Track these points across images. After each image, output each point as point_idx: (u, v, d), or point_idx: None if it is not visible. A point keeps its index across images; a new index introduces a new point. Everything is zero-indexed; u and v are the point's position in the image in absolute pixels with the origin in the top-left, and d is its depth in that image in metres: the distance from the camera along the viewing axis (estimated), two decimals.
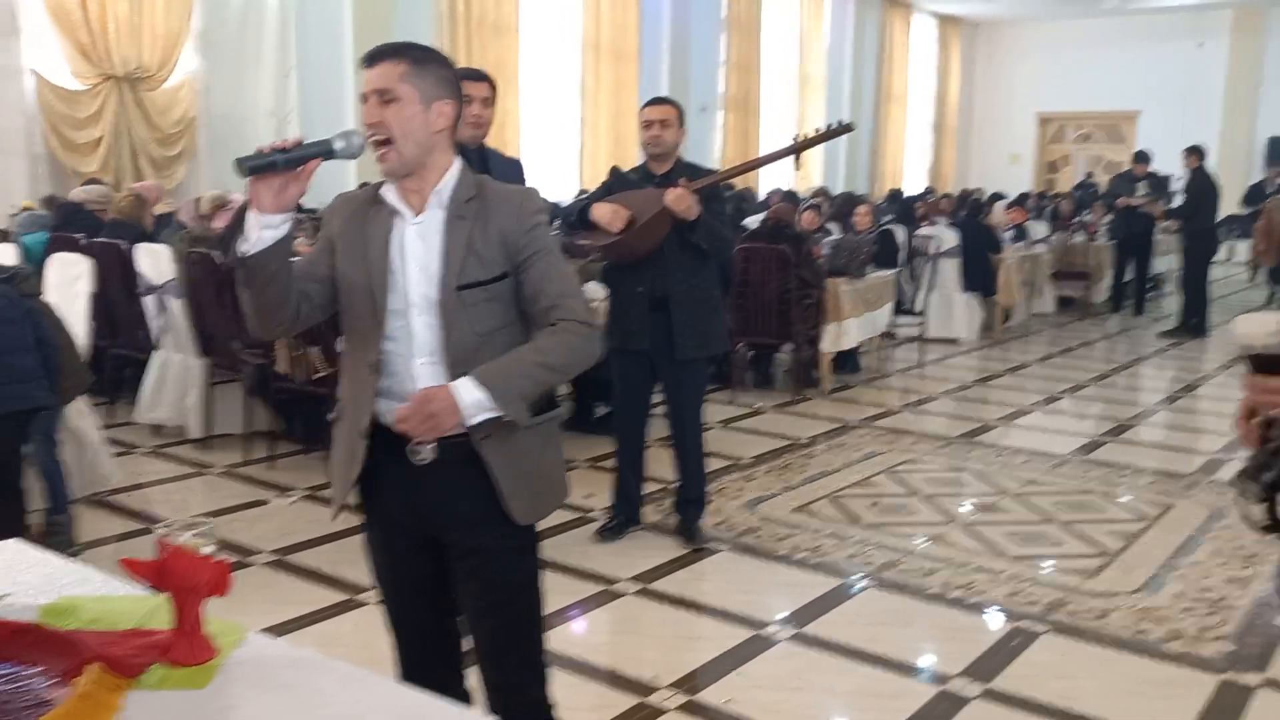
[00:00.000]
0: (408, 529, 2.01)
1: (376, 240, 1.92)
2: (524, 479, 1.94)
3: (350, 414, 1.98)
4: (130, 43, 8.66)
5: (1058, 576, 3.93)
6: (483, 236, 1.90)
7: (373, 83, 1.86)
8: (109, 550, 4.05)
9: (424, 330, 1.89)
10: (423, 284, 1.89)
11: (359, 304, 1.92)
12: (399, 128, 1.85)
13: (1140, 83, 17.81)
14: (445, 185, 1.92)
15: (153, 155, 9.03)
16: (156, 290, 5.29)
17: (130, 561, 1.49)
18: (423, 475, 1.91)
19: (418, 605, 2.08)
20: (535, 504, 1.98)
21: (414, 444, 1.88)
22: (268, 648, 1.57)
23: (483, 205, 1.92)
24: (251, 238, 1.80)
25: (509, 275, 1.91)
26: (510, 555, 2.00)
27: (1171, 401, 7.17)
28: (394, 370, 1.91)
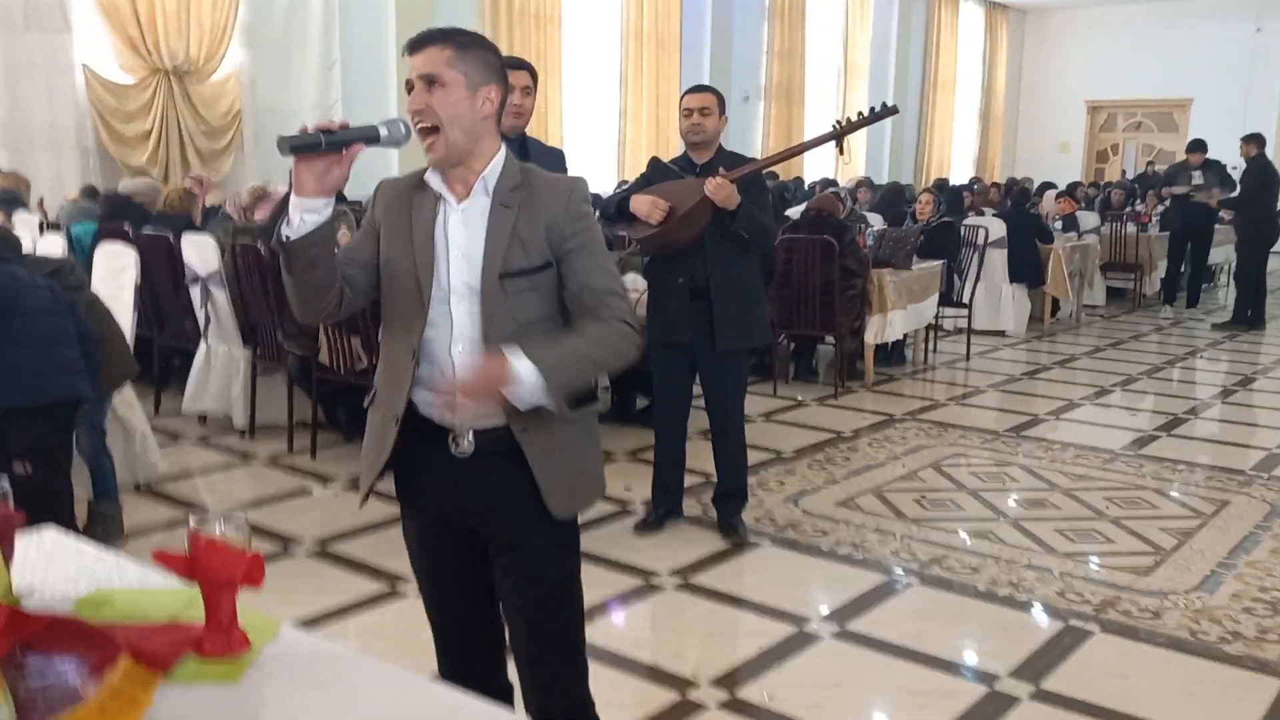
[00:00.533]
0: (446, 522, 1.98)
1: (422, 226, 1.89)
2: (562, 472, 1.91)
3: (386, 400, 1.96)
4: (178, 36, 8.76)
5: (1109, 574, 3.83)
6: (528, 225, 1.87)
7: (418, 68, 1.83)
8: (156, 539, 4.08)
9: (464, 318, 1.87)
10: (464, 271, 1.87)
11: (402, 290, 1.90)
12: (445, 113, 1.82)
13: (1193, 69, 17.40)
14: (491, 172, 1.89)
15: (200, 148, 9.14)
16: (202, 281, 5.32)
17: (163, 554, 1.47)
18: (461, 468, 1.89)
19: (457, 597, 2.05)
20: (573, 498, 1.95)
21: (454, 435, 1.87)
22: (302, 643, 1.55)
23: (529, 194, 1.89)
24: (294, 221, 1.78)
25: (552, 265, 1.88)
26: (550, 551, 1.96)
27: (1226, 395, 6.99)
28: (433, 357, 1.89)
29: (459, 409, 1.82)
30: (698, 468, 4.59)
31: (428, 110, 1.81)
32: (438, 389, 1.85)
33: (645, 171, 4.13)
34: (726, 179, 3.71)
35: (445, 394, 1.81)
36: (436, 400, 1.87)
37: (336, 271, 1.87)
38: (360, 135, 1.78)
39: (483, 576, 2.03)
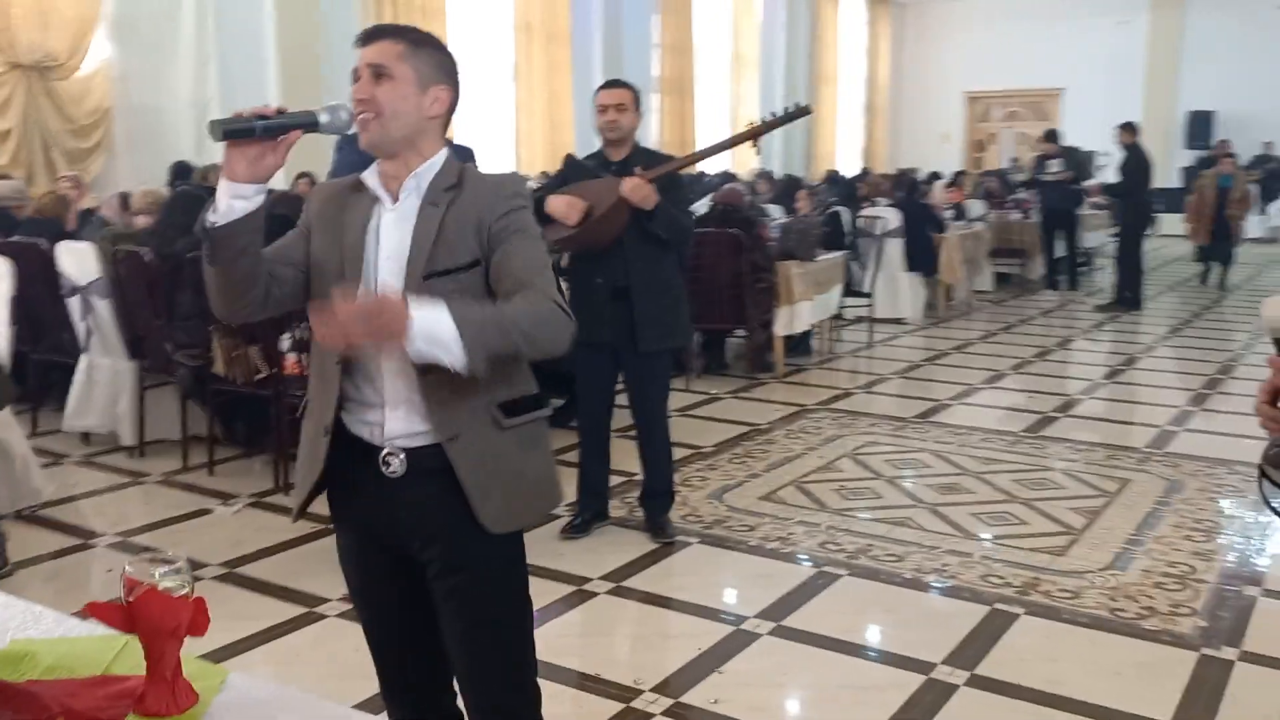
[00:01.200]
0: (380, 541, 1.87)
1: (353, 226, 1.80)
2: (497, 483, 1.79)
3: (317, 411, 1.86)
4: (37, 29, 8.25)
5: (1027, 556, 3.90)
6: (455, 223, 1.77)
7: (367, 58, 1.76)
8: (44, 569, 3.83)
9: None
10: (390, 274, 1.77)
11: (329, 290, 1.78)
12: (389, 107, 1.74)
13: (1064, 60, 18.10)
14: (426, 171, 1.81)
15: (66, 148, 8.63)
16: (81, 291, 5.01)
17: (96, 606, 1.33)
18: (393, 488, 1.79)
19: (396, 620, 1.94)
20: (510, 510, 1.82)
21: (384, 455, 1.78)
22: (254, 689, 1.42)
23: (460, 193, 1.80)
24: (221, 207, 1.67)
25: (479, 263, 1.77)
26: (490, 571, 1.84)
27: (1114, 375, 7.26)
28: (360, 368, 1.79)
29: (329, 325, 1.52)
30: (619, 467, 4.52)
31: (371, 101, 1.74)
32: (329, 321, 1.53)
33: (560, 169, 4.04)
34: (644, 179, 3.65)
35: (331, 322, 1.51)
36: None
37: (262, 267, 1.76)
38: (298, 122, 1.68)
39: (422, 598, 1.92)
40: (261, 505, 4.45)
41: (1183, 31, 17.57)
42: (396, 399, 1.77)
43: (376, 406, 1.79)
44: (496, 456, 1.79)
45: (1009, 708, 2.87)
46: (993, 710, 2.86)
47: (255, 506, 4.44)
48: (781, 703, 2.96)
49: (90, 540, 4.09)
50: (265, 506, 4.43)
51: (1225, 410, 6.20)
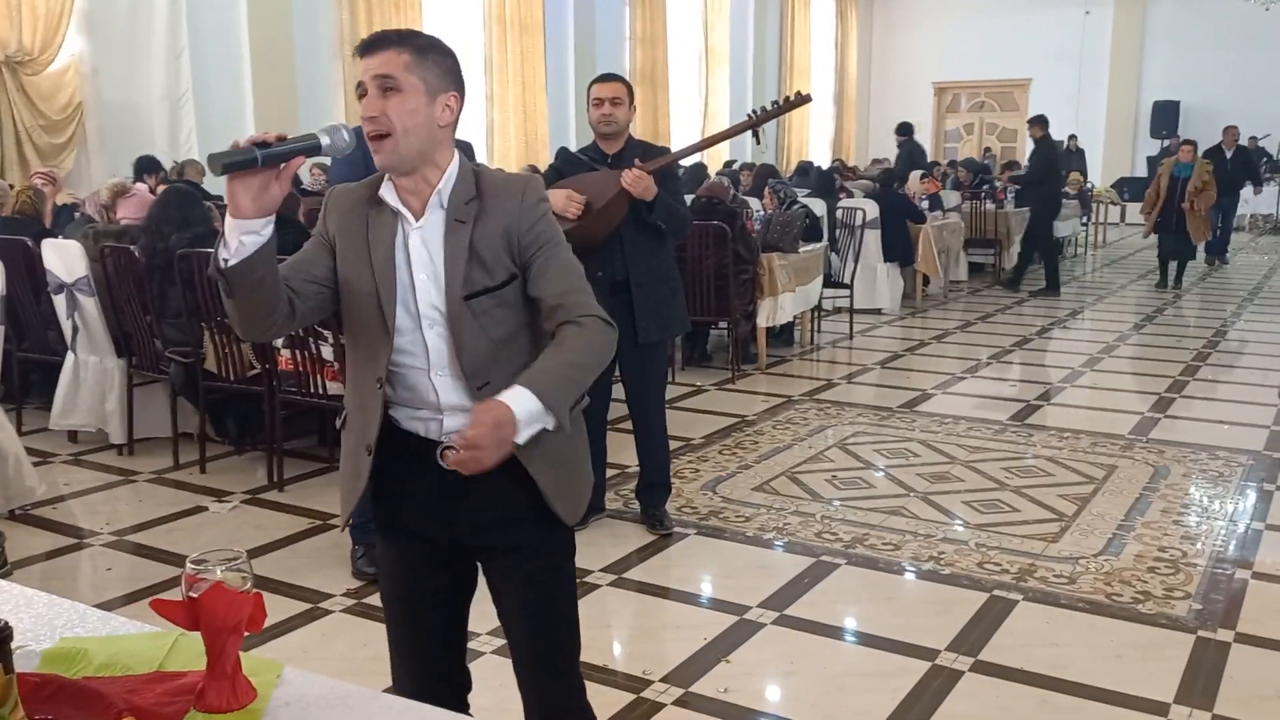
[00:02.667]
0: (429, 539, 1.88)
1: (381, 245, 1.77)
2: (565, 477, 1.85)
3: (358, 427, 1.86)
4: (8, 24, 8.13)
5: (1022, 543, 3.97)
6: (485, 239, 1.76)
7: (373, 69, 1.70)
8: (39, 569, 3.80)
9: (437, 342, 1.78)
10: (431, 294, 1.77)
11: (364, 313, 1.79)
12: (401, 122, 1.70)
13: (1031, 51, 18.28)
14: (445, 184, 1.78)
15: (38, 144, 8.51)
16: (67, 288, 4.95)
17: (160, 602, 1.33)
18: (447, 480, 1.77)
19: (431, 618, 1.95)
20: (577, 500, 1.89)
21: (443, 449, 1.76)
22: (309, 685, 1.43)
23: (482, 204, 1.78)
24: (232, 246, 1.61)
25: (517, 277, 1.78)
26: (551, 552, 1.90)
27: (1093, 363, 7.36)
28: (411, 383, 1.80)
29: (469, 463, 1.62)
30: (613, 460, 4.54)
31: (382, 117, 1.69)
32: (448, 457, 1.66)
33: (554, 163, 4.04)
34: (644, 170, 3.66)
35: (456, 462, 1.63)
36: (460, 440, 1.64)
37: (281, 288, 1.72)
38: (300, 148, 1.63)
39: (462, 591, 1.96)
40: (256, 502, 4.42)
41: (1145, 21, 17.80)
42: (453, 407, 1.79)
43: (430, 409, 1.80)
44: (560, 454, 1.82)
45: (1014, 692, 2.92)
46: (999, 695, 2.91)
47: (249, 503, 4.41)
48: (791, 691, 2.99)
49: (84, 540, 4.06)
50: (259, 503, 4.41)
51: (1203, 397, 6.32)
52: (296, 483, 4.62)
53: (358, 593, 3.53)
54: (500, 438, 1.60)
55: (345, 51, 10.61)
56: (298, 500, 4.42)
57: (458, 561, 1.92)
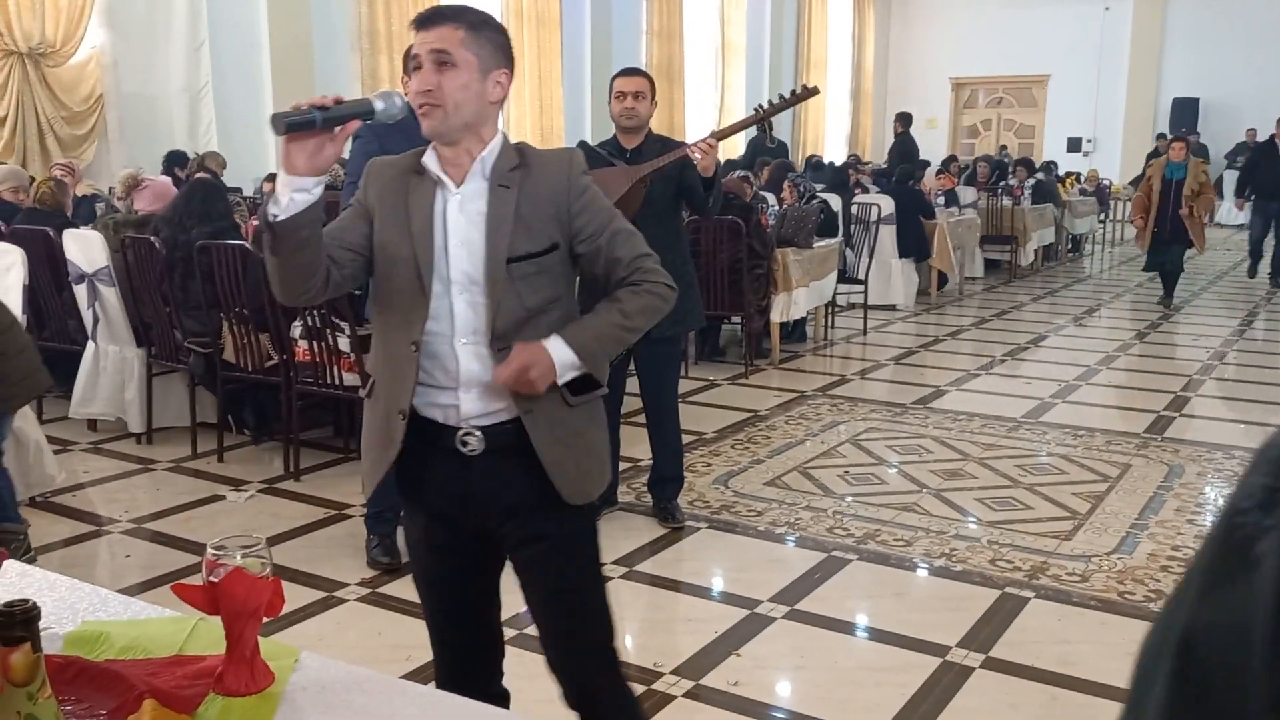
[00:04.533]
0: (454, 520, 1.91)
1: (420, 212, 1.81)
2: (571, 457, 1.85)
3: (387, 394, 1.86)
4: (32, 16, 8.20)
5: (1034, 540, 3.97)
6: (530, 205, 1.80)
7: (429, 43, 1.75)
8: (59, 555, 3.84)
9: (465, 310, 1.80)
10: (464, 260, 1.79)
11: (402, 279, 1.81)
12: (454, 96, 1.75)
13: (1050, 46, 18.19)
14: (489, 154, 1.82)
15: (60, 135, 8.59)
16: (88, 278, 5.00)
17: (181, 586, 1.36)
18: (469, 465, 1.82)
19: (461, 602, 1.98)
20: (584, 482, 1.89)
21: (462, 434, 1.81)
22: (326, 669, 1.46)
23: (527, 173, 1.82)
24: (282, 201, 1.67)
25: (558, 246, 1.81)
26: (569, 540, 1.91)
27: (1109, 361, 7.34)
28: (434, 351, 1.81)
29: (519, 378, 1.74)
30: (626, 454, 4.56)
31: (436, 91, 1.74)
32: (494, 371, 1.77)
33: None
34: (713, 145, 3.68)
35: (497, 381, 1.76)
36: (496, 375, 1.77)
37: (323, 252, 1.77)
38: (355, 111, 1.70)
39: (489, 577, 1.98)
40: (272, 491, 4.47)
41: (1166, 17, 17.68)
42: (470, 381, 1.80)
43: (450, 389, 1.81)
44: (568, 431, 1.84)
45: (1025, 689, 2.93)
46: (1010, 691, 2.92)
47: (266, 493, 4.45)
48: (801, 685, 3.01)
49: (103, 527, 4.11)
50: (276, 493, 4.45)
51: (1219, 396, 6.29)
52: (312, 473, 4.66)
53: (372, 582, 3.57)
54: (530, 378, 1.72)
55: (363, 44, 10.66)
56: (314, 490, 4.46)
57: (481, 544, 1.93)
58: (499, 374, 1.74)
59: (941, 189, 10.20)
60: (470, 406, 1.81)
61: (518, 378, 1.73)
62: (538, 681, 2.08)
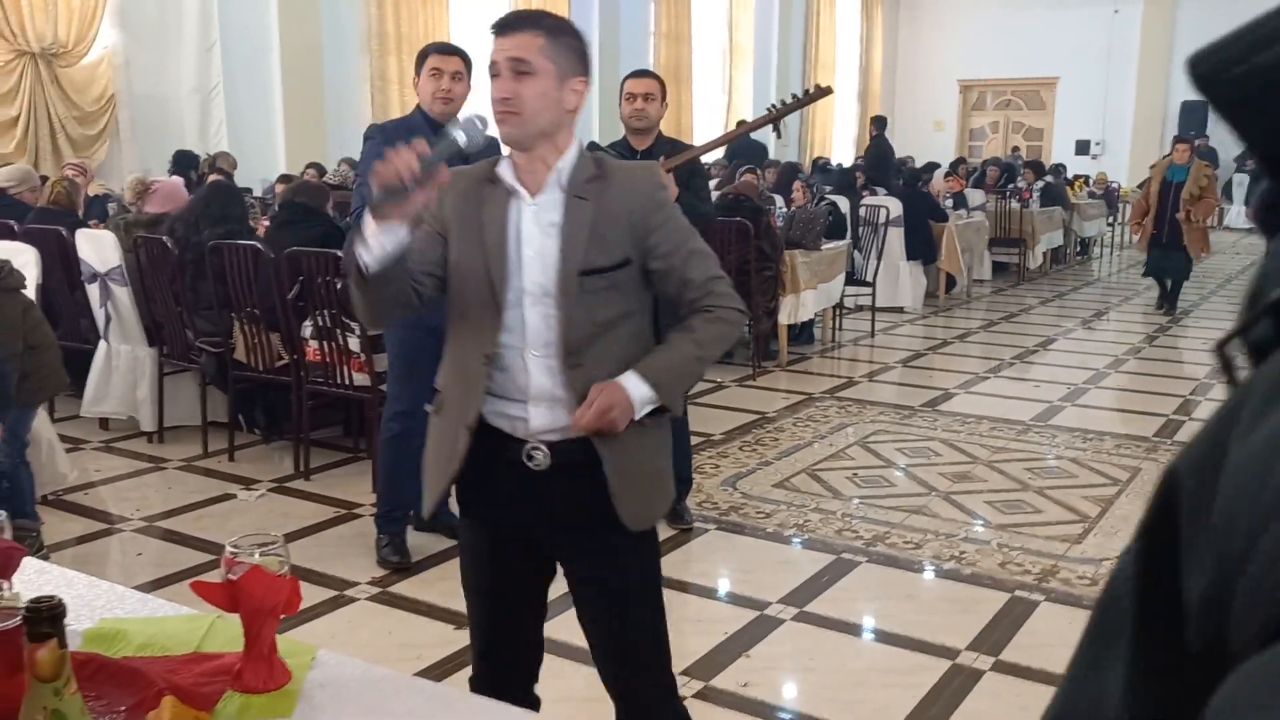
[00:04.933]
0: (513, 534, 1.89)
1: (493, 223, 1.79)
2: (636, 480, 1.83)
3: (456, 406, 1.85)
4: (44, 17, 8.24)
5: (1044, 544, 3.97)
6: (606, 219, 1.78)
7: (508, 51, 1.74)
8: (71, 553, 3.86)
9: (538, 321, 1.78)
10: (537, 271, 1.77)
11: (474, 292, 1.80)
12: (533, 104, 1.73)
13: (1058, 49, 18.15)
14: (565, 164, 1.80)
15: (72, 135, 8.63)
16: (101, 278, 5.02)
17: (200, 584, 1.37)
18: (534, 480, 1.80)
19: (511, 612, 1.96)
20: (646, 507, 1.86)
21: (529, 448, 1.80)
22: (342, 667, 1.47)
23: (605, 185, 1.80)
24: (373, 247, 1.67)
25: (631, 262, 1.79)
26: (631, 562, 1.88)
27: (1118, 364, 7.33)
28: (505, 363, 1.80)
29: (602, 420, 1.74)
30: None
31: (515, 99, 1.73)
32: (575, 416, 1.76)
33: None
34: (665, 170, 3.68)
35: (576, 425, 1.75)
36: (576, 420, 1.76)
37: (409, 282, 1.77)
38: (443, 157, 1.68)
39: (541, 588, 1.97)
40: (283, 490, 4.48)
41: (1176, 20, 17.64)
42: (541, 395, 1.79)
43: (519, 402, 1.79)
44: (638, 453, 1.82)
45: (1036, 693, 2.93)
46: (1021, 695, 2.92)
47: (277, 492, 4.47)
48: (811, 686, 3.01)
49: (115, 525, 4.13)
50: (287, 492, 4.46)
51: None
52: (322, 472, 4.68)
53: (383, 581, 3.58)
54: (611, 419, 1.72)
55: (372, 46, 10.68)
56: (324, 489, 4.47)
57: (538, 557, 1.92)
58: (579, 419, 1.73)
59: (950, 191, 10.19)
60: (539, 420, 1.79)
61: (599, 420, 1.71)
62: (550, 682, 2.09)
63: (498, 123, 1.76)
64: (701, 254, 1.84)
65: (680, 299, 1.82)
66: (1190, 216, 8.55)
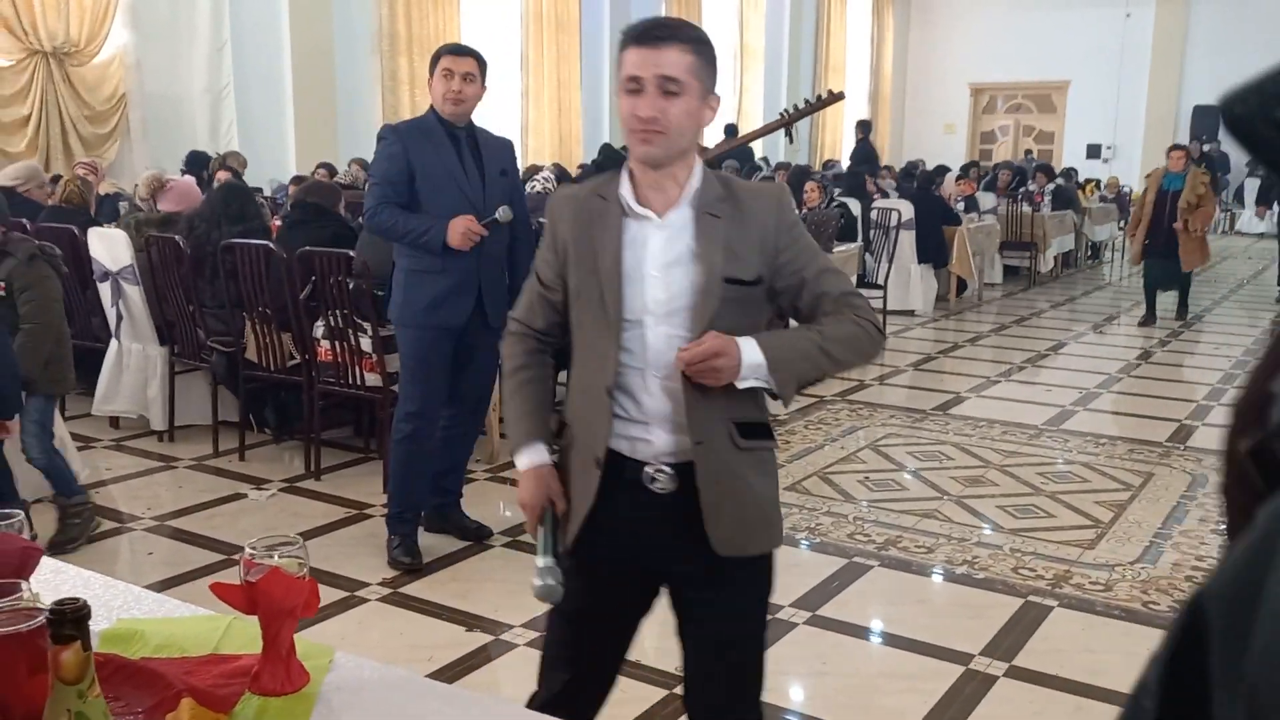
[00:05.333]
0: (623, 558, 1.82)
1: (609, 245, 1.73)
2: (731, 504, 1.75)
3: (585, 440, 1.79)
4: (57, 16, 8.27)
5: (1057, 549, 3.95)
6: (739, 237, 1.72)
7: (657, 67, 1.64)
8: (81, 551, 3.85)
9: (660, 342, 1.72)
10: (662, 289, 1.71)
11: (591, 316, 1.76)
12: (678, 125, 1.67)
13: (1070, 52, 18.13)
14: (694, 181, 1.74)
15: (83, 134, 8.67)
16: (113, 277, 5.03)
17: (219, 585, 1.36)
18: (652, 502, 1.75)
19: (605, 638, 1.91)
20: (741, 534, 1.77)
21: (651, 470, 1.74)
22: (360, 669, 1.46)
23: (735, 206, 1.74)
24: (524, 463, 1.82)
25: (762, 282, 1.73)
26: (740, 594, 1.82)
27: (1131, 370, 7.30)
28: (625, 384, 1.74)
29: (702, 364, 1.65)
30: None
31: (663, 119, 1.65)
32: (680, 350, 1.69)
33: (597, 158, 4.07)
34: None
35: (680, 360, 1.67)
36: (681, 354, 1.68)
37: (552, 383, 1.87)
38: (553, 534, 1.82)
39: (640, 615, 1.92)
40: (294, 490, 4.48)
41: (1187, 24, 17.60)
42: (662, 416, 1.74)
43: (641, 423, 1.75)
44: (733, 475, 1.75)
45: (1050, 698, 2.91)
46: (1035, 700, 2.90)
47: (287, 492, 4.47)
48: (824, 690, 3.00)
49: (126, 524, 4.13)
50: (298, 492, 4.46)
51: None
52: (333, 472, 4.68)
53: (394, 582, 3.57)
54: (715, 366, 1.63)
55: (383, 46, 10.70)
56: (335, 489, 4.47)
57: (645, 583, 1.87)
58: (684, 353, 1.65)
59: (961, 194, 10.17)
60: (661, 443, 1.74)
61: (703, 360, 1.64)
62: None
63: (639, 142, 1.69)
64: (835, 272, 1.79)
65: (815, 313, 1.75)
66: (1187, 226, 8.31)
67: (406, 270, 3.59)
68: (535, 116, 12.47)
